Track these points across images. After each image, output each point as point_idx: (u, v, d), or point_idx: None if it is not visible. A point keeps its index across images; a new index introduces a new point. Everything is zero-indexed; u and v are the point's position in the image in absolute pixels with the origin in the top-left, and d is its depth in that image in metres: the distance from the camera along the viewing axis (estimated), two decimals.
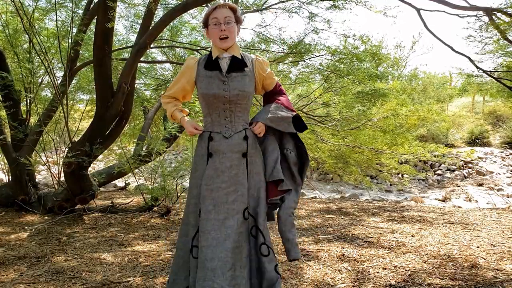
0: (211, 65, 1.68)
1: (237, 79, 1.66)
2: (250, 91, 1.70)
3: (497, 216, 4.43)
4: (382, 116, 5.60)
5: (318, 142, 5.76)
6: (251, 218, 1.66)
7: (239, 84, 1.66)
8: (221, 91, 1.64)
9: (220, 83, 1.65)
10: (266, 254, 1.62)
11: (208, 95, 1.65)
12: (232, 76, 1.66)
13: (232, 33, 1.66)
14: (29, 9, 4.28)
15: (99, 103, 3.79)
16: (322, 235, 3.43)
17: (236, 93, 1.65)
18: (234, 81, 1.65)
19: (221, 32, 1.63)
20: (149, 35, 3.52)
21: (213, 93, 1.64)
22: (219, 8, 1.64)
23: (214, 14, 1.64)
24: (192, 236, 1.63)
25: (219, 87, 1.64)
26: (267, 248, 1.63)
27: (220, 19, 1.63)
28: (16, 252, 2.82)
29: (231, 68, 1.67)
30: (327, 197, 7.14)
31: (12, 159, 4.30)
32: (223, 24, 1.63)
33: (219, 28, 1.63)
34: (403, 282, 2.24)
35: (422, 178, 9.47)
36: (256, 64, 1.73)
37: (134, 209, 4.59)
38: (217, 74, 1.66)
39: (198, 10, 6.12)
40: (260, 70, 1.74)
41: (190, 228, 1.65)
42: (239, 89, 1.65)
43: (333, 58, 5.34)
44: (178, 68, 6.44)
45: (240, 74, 1.67)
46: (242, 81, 1.67)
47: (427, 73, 16.08)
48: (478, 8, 3.26)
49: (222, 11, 1.63)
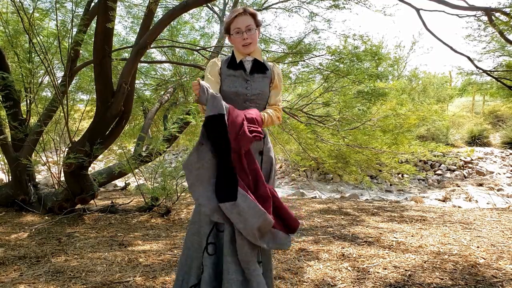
0: (235, 65, 1.78)
1: (258, 80, 1.78)
2: (268, 92, 1.82)
3: (497, 216, 4.43)
4: (382, 116, 5.60)
5: (318, 142, 5.76)
6: None
7: (260, 85, 1.77)
8: (244, 90, 1.74)
9: (243, 82, 1.75)
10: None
11: (230, 92, 1.74)
12: (254, 77, 1.77)
13: (255, 39, 1.75)
14: (29, 9, 4.28)
15: (99, 103, 3.79)
16: (322, 235, 3.43)
17: (257, 92, 1.76)
18: (256, 82, 1.77)
19: (244, 40, 1.72)
20: (149, 35, 3.52)
21: (235, 90, 1.74)
22: (240, 16, 1.70)
23: (235, 24, 1.71)
24: (207, 234, 1.63)
25: (242, 86, 1.75)
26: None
27: (242, 28, 1.70)
28: (16, 252, 2.82)
29: (254, 70, 1.78)
30: (327, 197, 7.14)
31: (12, 159, 4.30)
32: (245, 33, 1.70)
33: (241, 37, 1.71)
34: (403, 282, 2.24)
35: (422, 178, 9.48)
36: (275, 70, 1.84)
37: (134, 209, 4.59)
38: (242, 73, 1.76)
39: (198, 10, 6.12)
40: (277, 77, 1.84)
41: (204, 226, 1.65)
42: (260, 89, 1.77)
43: (333, 58, 5.34)
44: (178, 68, 6.43)
45: (262, 75, 1.79)
46: (263, 82, 1.79)
47: (427, 73, 16.07)
48: (477, 8, 3.27)
49: (243, 20, 1.70)
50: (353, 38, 5.26)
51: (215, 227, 1.64)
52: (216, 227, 1.64)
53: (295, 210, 4.94)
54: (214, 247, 1.62)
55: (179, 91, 6.53)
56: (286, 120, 5.71)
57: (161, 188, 4.27)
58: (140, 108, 6.43)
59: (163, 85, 6.74)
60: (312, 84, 6.55)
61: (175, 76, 6.55)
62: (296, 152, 6.96)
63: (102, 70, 3.65)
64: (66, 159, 3.80)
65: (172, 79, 6.63)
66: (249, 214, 1.51)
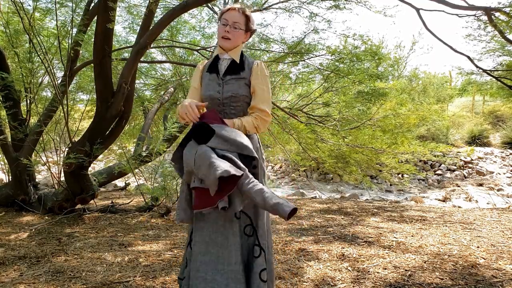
0: (212, 67, 1.75)
1: (231, 82, 1.70)
2: (245, 94, 1.70)
3: (497, 216, 4.43)
4: (382, 116, 5.60)
5: (318, 142, 5.76)
6: (244, 216, 1.66)
7: (232, 87, 1.70)
8: (216, 93, 1.70)
9: (216, 86, 1.71)
10: (256, 255, 1.62)
11: (205, 96, 1.73)
12: (226, 79, 1.71)
13: (235, 37, 1.70)
14: (29, 9, 4.28)
15: (99, 103, 3.79)
16: (322, 235, 3.43)
17: (229, 95, 1.69)
18: (228, 84, 1.70)
19: (225, 32, 1.69)
20: (149, 35, 3.52)
21: (208, 94, 1.71)
22: (232, 11, 1.70)
23: (225, 15, 1.70)
24: (191, 231, 1.68)
25: (214, 89, 1.71)
26: (260, 250, 1.63)
27: (229, 21, 1.69)
28: (16, 252, 2.82)
29: (228, 71, 1.73)
30: (327, 197, 7.14)
31: (12, 159, 4.30)
32: (230, 27, 1.69)
33: (224, 28, 1.69)
34: (403, 282, 2.24)
35: (422, 178, 9.48)
36: (254, 69, 1.72)
37: (134, 209, 4.59)
38: (215, 76, 1.73)
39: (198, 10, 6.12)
40: (255, 77, 1.71)
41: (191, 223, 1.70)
42: (232, 91, 1.69)
43: (333, 58, 5.34)
44: (178, 68, 6.44)
45: (235, 77, 1.71)
46: (236, 84, 1.70)
47: (427, 73, 16.08)
48: (477, 7, 3.27)
49: (234, 15, 1.69)
50: (353, 38, 5.25)
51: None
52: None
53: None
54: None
55: (179, 91, 6.53)
56: (286, 120, 5.71)
57: (161, 188, 4.27)
58: (140, 108, 6.44)
59: (163, 85, 6.74)
60: (312, 84, 6.55)
61: (175, 76, 6.55)
62: (296, 152, 6.96)
63: (102, 70, 3.65)
64: (66, 159, 3.80)
65: (172, 79, 6.64)
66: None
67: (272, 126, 5.96)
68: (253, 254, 1.63)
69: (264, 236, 1.66)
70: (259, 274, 1.59)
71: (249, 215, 1.67)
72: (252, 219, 1.66)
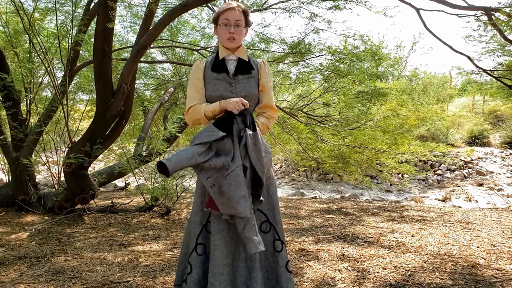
0: (218, 67, 1.70)
1: (243, 82, 1.69)
2: (256, 94, 1.73)
3: (497, 216, 4.43)
4: (382, 116, 5.60)
5: (318, 142, 5.76)
6: (259, 213, 1.67)
7: (245, 87, 1.69)
8: (228, 93, 1.66)
9: (227, 85, 1.68)
10: (279, 250, 1.66)
11: (214, 97, 1.67)
12: (238, 79, 1.69)
13: (240, 36, 1.69)
14: (29, 9, 4.28)
15: (99, 103, 3.79)
16: (322, 235, 3.43)
17: (243, 95, 1.67)
18: (241, 84, 1.68)
19: (230, 34, 1.66)
20: (149, 35, 3.52)
21: (219, 95, 1.66)
22: (231, 10, 1.66)
23: (225, 15, 1.66)
24: (197, 235, 1.64)
25: (226, 89, 1.67)
26: (281, 244, 1.67)
27: (231, 21, 1.65)
28: (16, 252, 2.82)
29: (238, 71, 1.70)
30: (327, 197, 7.14)
31: (12, 159, 4.30)
32: (233, 27, 1.66)
33: (228, 30, 1.66)
34: (403, 282, 2.24)
35: (422, 178, 9.47)
36: (262, 68, 1.75)
37: (134, 209, 4.59)
38: (225, 76, 1.68)
39: (198, 10, 6.12)
40: (264, 76, 1.75)
41: (195, 226, 1.66)
42: (246, 91, 1.68)
43: (333, 58, 5.34)
44: (178, 68, 6.44)
45: (247, 76, 1.70)
46: (249, 83, 1.70)
47: (427, 73, 16.08)
48: (477, 7, 3.27)
49: (234, 14, 1.66)
50: (353, 38, 5.26)
51: (204, 228, 1.64)
52: (205, 228, 1.65)
53: (295, 210, 4.94)
54: (203, 248, 1.63)
55: (179, 91, 6.53)
56: (286, 120, 5.71)
57: (161, 188, 4.27)
58: (140, 108, 6.44)
59: (163, 85, 6.74)
60: (312, 84, 6.55)
61: (175, 76, 6.56)
62: (296, 152, 6.96)
63: (102, 70, 3.65)
64: (66, 159, 3.80)
65: (172, 79, 6.64)
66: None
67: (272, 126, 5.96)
68: (275, 249, 1.66)
69: (282, 231, 1.70)
70: (286, 267, 1.64)
71: (264, 211, 1.69)
72: (268, 216, 1.69)
